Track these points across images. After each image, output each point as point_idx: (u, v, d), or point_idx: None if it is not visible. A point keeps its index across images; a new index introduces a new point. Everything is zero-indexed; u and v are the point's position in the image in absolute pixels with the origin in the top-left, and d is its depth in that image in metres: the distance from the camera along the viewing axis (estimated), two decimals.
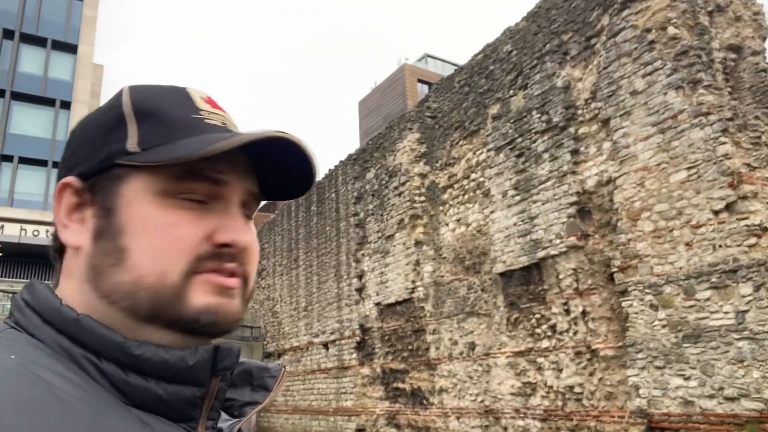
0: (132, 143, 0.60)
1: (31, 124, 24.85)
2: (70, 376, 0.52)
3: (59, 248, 0.63)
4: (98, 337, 0.55)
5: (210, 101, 0.67)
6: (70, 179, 0.61)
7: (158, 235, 0.59)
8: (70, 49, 26.40)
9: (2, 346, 0.53)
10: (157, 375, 0.56)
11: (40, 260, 22.89)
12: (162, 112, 0.62)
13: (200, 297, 0.59)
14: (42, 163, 24.26)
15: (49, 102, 25.36)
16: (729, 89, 8.30)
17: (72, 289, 0.61)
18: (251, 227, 0.67)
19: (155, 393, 0.56)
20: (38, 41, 25.83)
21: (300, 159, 0.65)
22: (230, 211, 0.63)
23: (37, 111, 25.18)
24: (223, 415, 0.68)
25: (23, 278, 23.37)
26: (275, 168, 0.66)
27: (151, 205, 0.59)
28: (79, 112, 24.07)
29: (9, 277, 23.55)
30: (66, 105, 25.31)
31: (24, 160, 24.30)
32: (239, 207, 0.64)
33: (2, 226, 22.71)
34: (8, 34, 25.20)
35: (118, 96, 0.65)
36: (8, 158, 24.35)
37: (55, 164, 23.57)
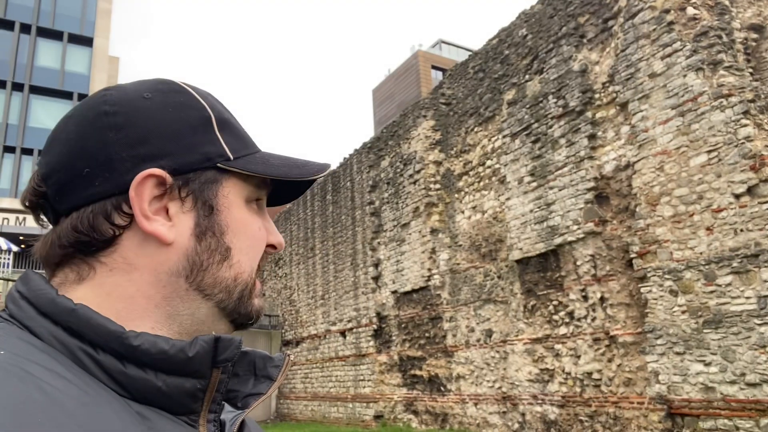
0: (228, 150, 0.65)
1: (49, 117, 25.17)
2: (62, 371, 0.51)
3: (99, 240, 0.59)
4: (95, 327, 0.54)
5: None
6: (160, 172, 0.59)
7: (251, 236, 0.67)
8: (86, 42, 26.64)
9: None
10: (156, 366, 0.55)
11: None
12: (231, 122, 0.68)
13: (257, 299, 0.68)
14: None
15: (66, 95, 25.67)
16: (750, 70, 8.11)
17: (139, 283, 0.60)
18: None
19: (154, 385, 0.55)
20: (55, 35, 26.10)
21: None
22: (267, 215, 0.71)
23: (55, 104, 25.51)
24: (227, 407, 0.68)
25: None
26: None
27: (243, 209, 0.67)
28: None
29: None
30: (83, 98, 25.48)
31: None
32: None
33: (24, 219, 23.11)
34: (25, 28, 25.50)
35: (185, 93, 0.65)
36: (28, 151, 24.74)
37: None
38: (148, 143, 0.60)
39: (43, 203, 0.63)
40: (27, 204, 0.63)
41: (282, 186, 0.73)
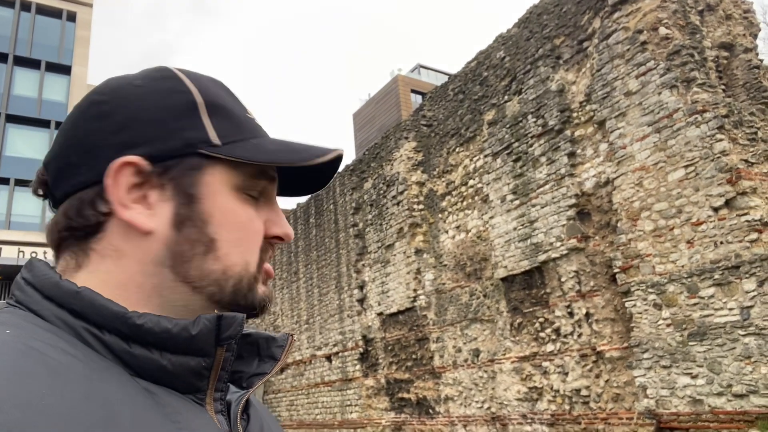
0: (214, 135, 0.62)
1: (26, 146, 24.83)
2: (67, 348, 0.52)
3: (86, 226, 0.60)
4: (99, 308, 0.55)
5: None
6: (136, 159, 0.59)
7: (242, 228, 0.63)
8: (64, 70, 26.47)
9: None
10: (160, 345, 0.56)
11: None
12: (227, 107, 0.65)
13: (262, 286, 0.66)
14: None
15: (44, 123, 25.37)
16: (723, 87, 8.35)
17: (129, 271, 0.60)
18: None
19: (159, 363, 0.56)
20: (32, 63, 25.90)
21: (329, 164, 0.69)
22: (275, 206, 0.69)
23: (32, 132, 25.18)
24: (231, 388, 0.69)
25: None
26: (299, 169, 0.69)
27: (231, 199, 0.63)
28: None
29: None
30: (60, 125, 25.32)
31: (20, 182, 24.25)
32: None
33: (0, 249, 22.60)
34: (2, 57, 25.28)
35: (175, 78, 0.64)
36: (5, 181, 24.30)
37: None
38: (129, 130, 0.60)
39: (45, 190, 0.65)
40: (33, 191, 0.65)
41: (295, 175, 0.70)
